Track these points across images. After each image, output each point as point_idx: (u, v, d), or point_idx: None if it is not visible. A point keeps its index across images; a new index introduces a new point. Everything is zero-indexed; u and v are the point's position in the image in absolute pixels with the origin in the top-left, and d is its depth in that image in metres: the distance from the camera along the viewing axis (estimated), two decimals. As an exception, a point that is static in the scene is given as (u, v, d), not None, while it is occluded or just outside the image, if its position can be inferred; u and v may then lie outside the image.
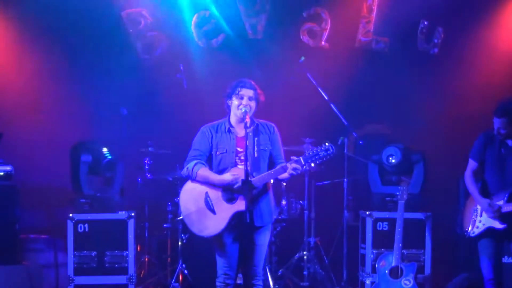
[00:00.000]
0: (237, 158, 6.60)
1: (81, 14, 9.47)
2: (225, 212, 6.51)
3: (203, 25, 9.83)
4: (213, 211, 6.54)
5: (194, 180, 6.61)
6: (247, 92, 6.58)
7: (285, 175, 6.49)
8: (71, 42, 9.53)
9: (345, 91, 9.57)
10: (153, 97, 9.65)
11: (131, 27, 9.78)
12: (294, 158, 6.46)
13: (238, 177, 6.45)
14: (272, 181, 6.66)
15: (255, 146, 6.55)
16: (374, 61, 9.91)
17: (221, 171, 6.61)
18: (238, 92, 6.57)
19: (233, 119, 6.65)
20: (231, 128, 6.64)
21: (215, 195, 6.56)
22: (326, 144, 6.43)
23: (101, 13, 9.53)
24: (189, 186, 6.66)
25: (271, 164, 6.67)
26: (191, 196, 6.62)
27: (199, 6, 9.80)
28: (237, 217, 6.50)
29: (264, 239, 6.63)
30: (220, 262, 6.63)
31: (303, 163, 6.41)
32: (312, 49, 9.84)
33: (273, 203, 6.69)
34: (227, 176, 6.50)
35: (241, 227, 6.49)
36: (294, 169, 6.43)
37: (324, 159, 6.44)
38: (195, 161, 6.60)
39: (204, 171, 6.57)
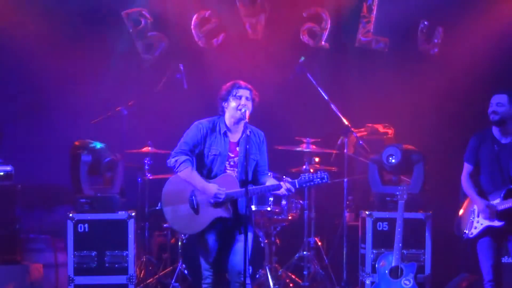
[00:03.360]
0: (227, 162, 6.63)
1: (81, 14, 9.47)
2: (207, 215, 6.55)
3: (203, 25, 9.84)
4: (196, 211, 6.56)
5: (176, 173, 6.64)
6: (244, 93, 6.61)
7: (281, 190, 6.60)
8: (71, 42, 9.53)
9: (345, 91, 9.58)
10: (153, 97, 9.65)
11: (131, 27, 9.78)
12: (289, 179, 6.57)
13: (223, 193, 6.49)
14: None
15: (246, 155, 6.58)
16: (374, 61, 9.92)
17: (210, 172, 6.63)
18: (236, 93, 6.60)
19: (229, 121, 6.66)
20: (227, 132, 6.65)
21: (203, 196, 6.57)
22: (322, 172, 6.57)
23: (101, 13, 9.54)
24: (176, 178, 6.65)
25: (255, 172, 6.73)
26: (176, 189, 6.62)
27: (199, 6, 9.80)
28: (219, 222, 6.56)
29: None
30: (204, 263, 6.66)
31: (297, 186, 6.55)
32: (312, 49, 9.84)
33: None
34: (213, 188, 6.51)
35: (225, 231, 6.57)
36: (288, 189, 6.56)
37: (318, 185, 6.57)
38: (185, 157, 6.59)
39: (190, 173, 6.57)
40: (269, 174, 6.83)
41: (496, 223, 7.07)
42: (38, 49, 9.48)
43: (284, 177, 6.73)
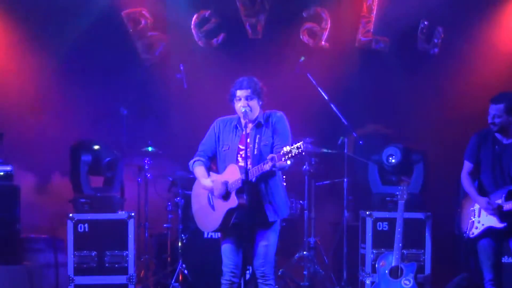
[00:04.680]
0: (239, 155, 6.60)
1: (81, 14, 9.48)
2: (221, 209, 6.54)
3: (203, 25, 9.84)
4: (213, 208, 6.59)
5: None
6: (242, 93, 6.57)
7: (264, 167, 6.40)
8: (71, 42, 9.54)
9: (345, 91, 9.58)
10: (153, 97, 9.65)
11: (131, 27, 9.79)
12: (270, 155, 6.40)
13: (216, 186, 6.48)
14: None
15: (256, 144, 6.57)
16: (374, 61, 9.92)
17: (224, 167, 6.62)
18: (235, 95, 6.59)
19: (241, 119, 6.67)
20: (238, 125, 6.65)
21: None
22: (298, 142, 6.36)
23: (101, 13, 9.54)
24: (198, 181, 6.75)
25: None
26: (198, 191, 6.70)
27: (199, 6, 9.81)
28: (237, 215, 6.52)
29: (268, 238, 6.60)
30: (225, 260, 6.64)
31: (277, 160, 6.33)
32: (312, 49, 9.84)
33: (282, 201, 6.65)
34: (207, 182, 6.56)
35: (242, 225, 6.50)
36: (271, 166, 6.34)
37: (297, 155, 6.40)
38: (196, 158, 6.67)
39: (197, 171, 6.65)
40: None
41: (499, 225, 7.06)
42: (37, 48, 9.48)
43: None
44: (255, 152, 6.55)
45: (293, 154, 6.35)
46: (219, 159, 6.69)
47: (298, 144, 6.37)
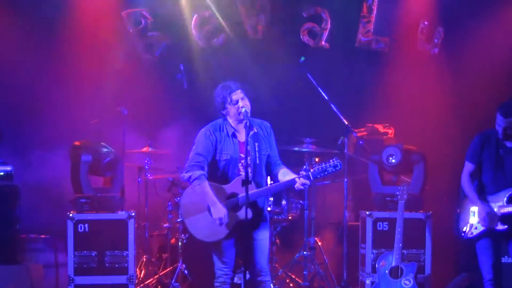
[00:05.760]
0: (240, 164, 6.54)
1: (82, 14, 9.48)
2: (228, 220, 6.48)
3: (203, 25, 9.85)
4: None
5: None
6: (238, 95, 6.50)
7: (296, 185, 6.47)
8: (71, 42, 9.54)
9: (345, 91, 9.58)
10: (153, 97, 9.65)
11: (131, 27, 9.79)
12: (303, 173, 6.44)
13: (225, 221, 6.42)
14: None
15: (257, 152, 6.53)
16: (374, 61, 9.92)
17: (224, 176, 6.54)
18: (230, 100, 6.50)
19: (233, 123, 6.58)
20: (235, 133, 6.58)
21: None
22: (335, 160, 6.45)
23: (101, 13, 9.54)
24: (192, 189, 6.58)
25: (267, 165, 6.67)
26: (194, 200, 6.56)
27: (199, 6, 9.81)
28: (238, 224, 6.51)
29: (263, 234, 6.61)
30: (218, 262, 6.63)
31: (312, 178, 6.42)
32: (312, 49, 9.85)
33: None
34: (220, 212, 6.42)
35: (241, 230, 6.49)
36: (303, 184, 6.43)
37: (332, 173, 6.48)
38: (199, 172, 6.49)
39: (203, 188, 6.47)
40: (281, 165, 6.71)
41: (499, 227, 7.05)
42: (38, 49, 9.48)
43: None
44: (257, 162, 6.51)
45: (328, 173, 6.40)
46: (216, 167, 6.56)
47: (335, 162, 6.40)
